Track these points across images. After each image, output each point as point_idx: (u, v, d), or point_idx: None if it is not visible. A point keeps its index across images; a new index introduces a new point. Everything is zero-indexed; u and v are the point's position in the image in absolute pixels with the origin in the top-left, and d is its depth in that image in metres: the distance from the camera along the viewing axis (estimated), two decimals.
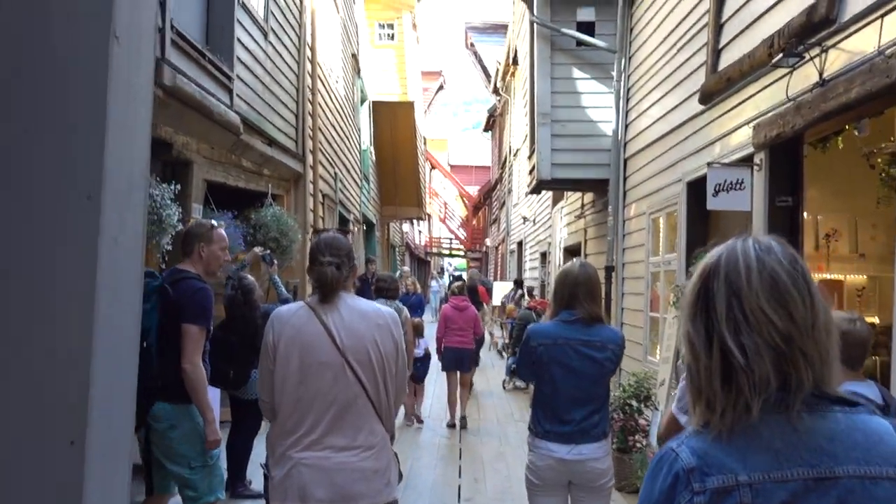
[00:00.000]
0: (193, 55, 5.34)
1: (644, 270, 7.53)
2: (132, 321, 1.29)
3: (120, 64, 1.20)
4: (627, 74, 8.57)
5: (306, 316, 2.78)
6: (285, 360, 2.75)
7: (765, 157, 4.65)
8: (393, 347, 2.83)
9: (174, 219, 5.12)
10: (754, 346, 1.14)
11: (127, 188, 1.24)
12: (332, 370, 2.73)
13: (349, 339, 2.74)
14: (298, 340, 2.74)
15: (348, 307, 2.80)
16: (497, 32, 26.78)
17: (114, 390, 1.23)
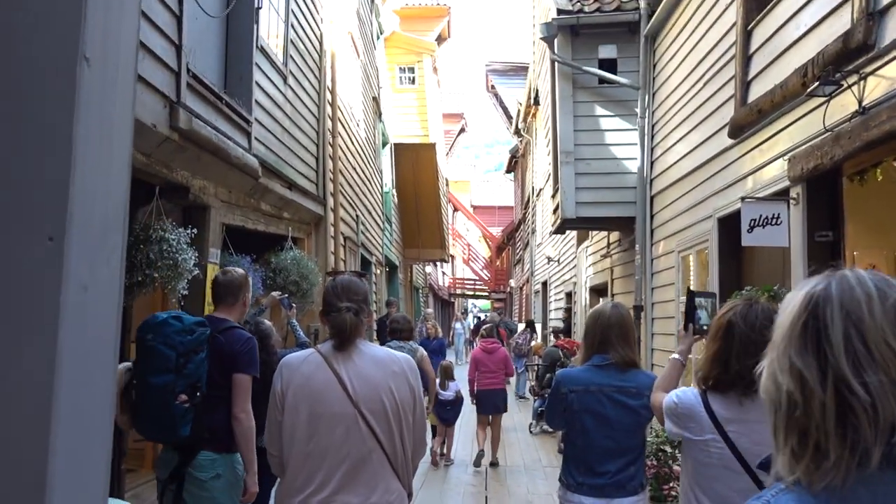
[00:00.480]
0: (210, 99, 5.28)
1: (675, 310, 7.27)
2: (105, 381, 1.12)
3: (90, 89, 1.05)
4: (651, 111, 8.42)
5: (316, 363, 2.62)
6: (294, 411, 2.58)
7: (801, 191, 4.44)
8: (410, 396, 2.64)
9: (190, 263, 5.00)
10: (879, 384, 1.01)
11: (100, 230, 1.08)
12: (344, 422, 2.55)
13: (362, 388, 2.57)
14: (308, 389, 2.58)
15: (361, 353, 2.64)
16: (518, 74, 26.89)
17: (81, 465, 1.06)
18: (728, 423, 2.27)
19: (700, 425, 2.31)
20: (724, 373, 2.27)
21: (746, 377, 2.17)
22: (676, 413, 2.41)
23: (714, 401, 2.30)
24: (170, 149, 4.75)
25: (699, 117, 6.64)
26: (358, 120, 12.49)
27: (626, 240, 9.38)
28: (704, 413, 2.30)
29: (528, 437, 11.47)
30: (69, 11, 1.02)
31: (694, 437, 2.34)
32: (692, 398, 2.37)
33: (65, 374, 0.98)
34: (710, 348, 2.35)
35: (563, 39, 8.87)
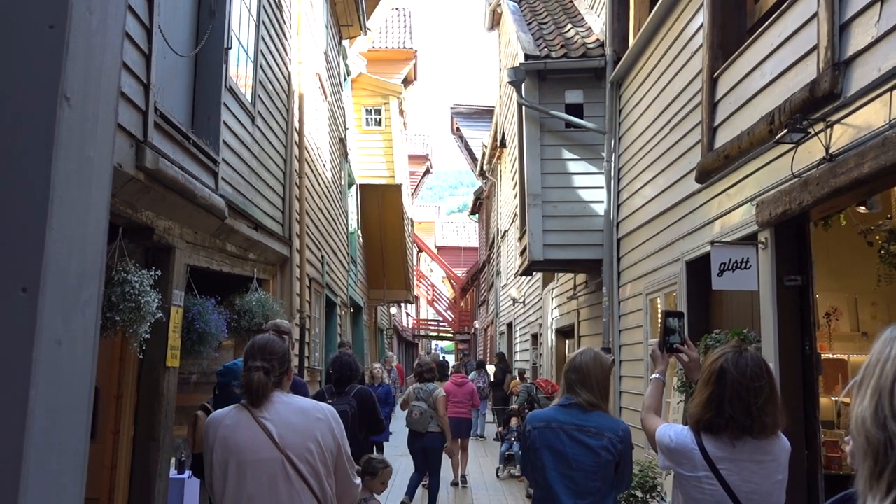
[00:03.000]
0: (178, 138, 5.19)
1: (643, 352, 7.27)
2: (78, 442, 1.04)
3: (71, 131, 0.99)
4: (618, 155, 8.53)
5: (239, 416, 2.72)
6: (223, 464, 2.67)
7: (770, 236, 4.49)
8: (333, 442, 2.76)
9: (153, 306, 4.86)
10: None
11: (76, 281, 1.01)
12: (271, 468, 2.64)
13: (289, 435, 2.67)
14: (233, 441, 2.68)
15: (285, 404, 2.76)
16: (482, 117, 27.22)
17: None
18: (720, 461, 2.42)
19: (693, 463, 2.47)
20: (718, 416, 2.43)
21: (738, 420, 2.39)
22: (671, 450, 2.55)
23: (707, 441, 2.46)
24: (135, 189, 4.64)
25: (665, 162, 6.73)
26: (325, 160, 12.45)
27: (593, 282, 9.42)
28: (698, 452, 2.46)
29: (496, 481, 11.31)
30: (50, 48, 0.96)
31: (686, 473, 2.50)
32: (686, 438, 2.51)
33: (35, 436, 0.90)
34: (702, 393, 2.49)
35: (530, 84, 8.98)
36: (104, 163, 1.10)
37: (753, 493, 2.40)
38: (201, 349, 6.10)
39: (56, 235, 0.94)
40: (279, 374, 2.81)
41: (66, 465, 0.98)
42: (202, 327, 5.99)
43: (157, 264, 5.26)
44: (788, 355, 4.31)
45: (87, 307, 1.04)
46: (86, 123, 1.04)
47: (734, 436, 2.41)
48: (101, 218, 1.11)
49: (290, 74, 9.28)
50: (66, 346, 0.98)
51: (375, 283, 20.29)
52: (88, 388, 1.05)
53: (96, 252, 1.08)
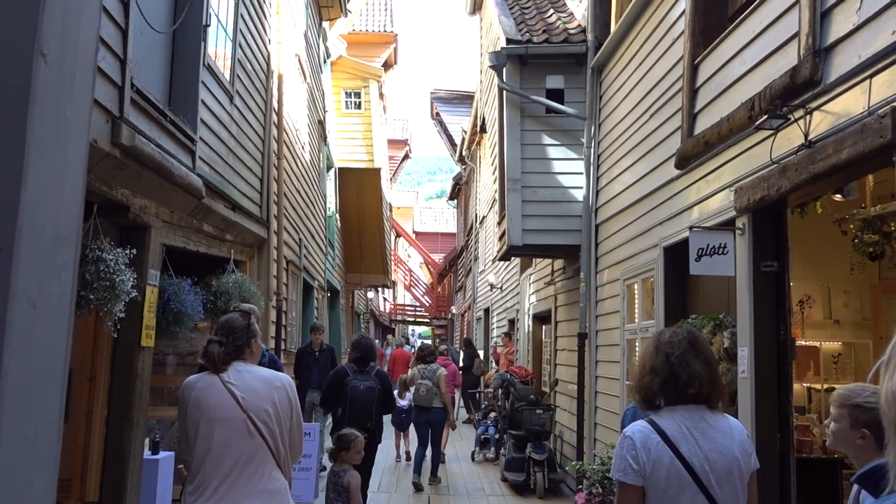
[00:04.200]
0: (154, 115, 5.11)
1: (620, 338, 7.32)
2: (53, 408, 1.02)
3: (47, 89, 0.96)
4: (598, 141, 8.54)
5: (210, 381, 3.22)
6: (194, 421, 3.17)
7: (747, 221, 4.53)
8: (288, 406, 3.26)
9: (128, 285, 4.80)
10: None
11: (51, 243, 0.98)
12: (235, 425, 3.13)
13: (251, 398, 3.17)
14: (203, 401, 3.16)
15: (249, 372, 3.27)
16: (462, 102, 27.12)
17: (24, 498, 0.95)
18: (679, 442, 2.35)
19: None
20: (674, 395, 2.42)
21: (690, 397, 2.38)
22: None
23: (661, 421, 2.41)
24: (110, 165, 4.56)
25: (645, 148, 6.75)
26: (303, 143, 12.35)
27: (571, 267, 9.45)
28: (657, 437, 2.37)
29: (471, 465, 11.37)
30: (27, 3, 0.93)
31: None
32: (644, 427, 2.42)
33: (8, 402, 0.88)
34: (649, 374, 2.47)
35: (511, 68, 8.95)
36: (81, 124, 1.07)
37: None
38: (177, 329, 6.04)
39: (31, 195, 0.92)
40: (235, 346, 3.30)
41: (41, 431, 0.96)
42: (178, 307, 5.93)
43: (133, 243, 5.19)
44: (763, 340, 4.36)
45: (63, 271, 1.02)
46: (62, 82, 1.01)
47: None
48: (78, 182, 1.08)
49: (269, 54, 9.17)
50: (42, 311, 0.96)
51: (353, 268, 20.22)
52: (64, 354, 1.02)
53: (72, 216, 1.06)
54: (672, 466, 2.30)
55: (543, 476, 8.92)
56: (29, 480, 0.94)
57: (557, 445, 10.05)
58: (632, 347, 7.09)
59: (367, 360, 6.97)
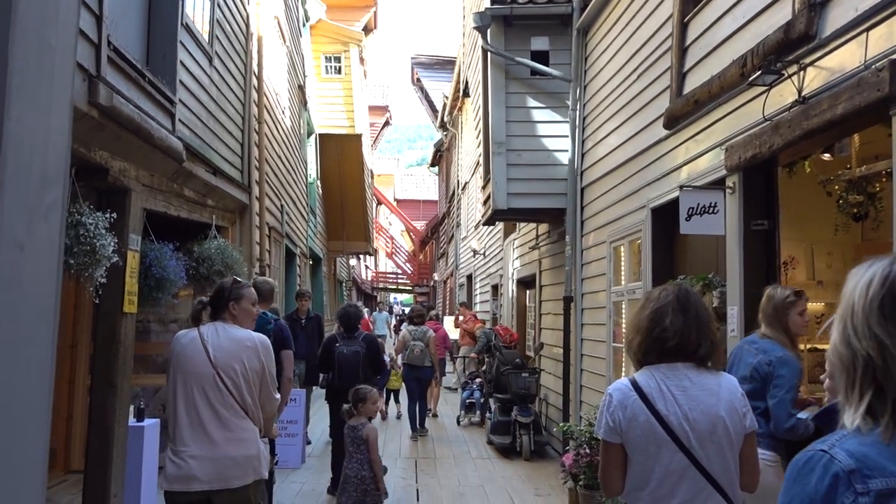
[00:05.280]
0: (133, 75, 4.97)
1: (606, 300, 7.33)
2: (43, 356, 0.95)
3: (29, 9, 0.88)
4: (583, 103, 8.46)
5: (191, 337, 3.68)
6: (174, 372, 3.64)
7: (738, 180, 4.49)
8: (258, 364, 3.66)
9: (109, 250, 4.69)
10: None
11: (38, 181, 0.91)
12: (206, 379, 3.56)
13: (221, 356, 3.59)
14: (182, 356, 3.64)
15: (225, 331, 3.69)
16: (444, 68, 26.83)
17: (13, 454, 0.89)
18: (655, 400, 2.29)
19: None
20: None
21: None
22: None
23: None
24: (88, 126, 4.43)
25: (632, 109, 6.69)
26: (284, 107, 12.16)
27: (556, 231, 9.42)
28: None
29: (456, 429, 11.43)
30: None
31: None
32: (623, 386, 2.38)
33: None
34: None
35: (496, 29, 8.81)
36: (67, 56, 0.99)
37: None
38: (159, 295, 5.94)
39: (15, 127, 0.84)
40: (216, 307, 3.81)
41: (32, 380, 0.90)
42: (160, 273, 5.83)
43: (112, 207, 5.07)
44: (754, 299, 4.34)
45: (51, 213, 0.94)
46: (46, 5, 0.92)
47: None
48: (65, 119, 1.00)
49: (248, 16, 8.96)
50: (29, 253, 0.88)
51: (335, 235, 20.10)
52: (54, 297, 0.95)
53: (60, 155, 0.98)
54: (647, 424, 2.24)
55: (529, 439, 8.98)
56: (21, 431, 0.88)
57: (542, 408, 10.11)
58: (618, 309, 7.09)
59: (353, 328, 7.53)
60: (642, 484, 2.26)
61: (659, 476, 2.23)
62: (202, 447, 3.51)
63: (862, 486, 1.12)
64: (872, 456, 1.14)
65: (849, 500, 1.12)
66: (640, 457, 2.26)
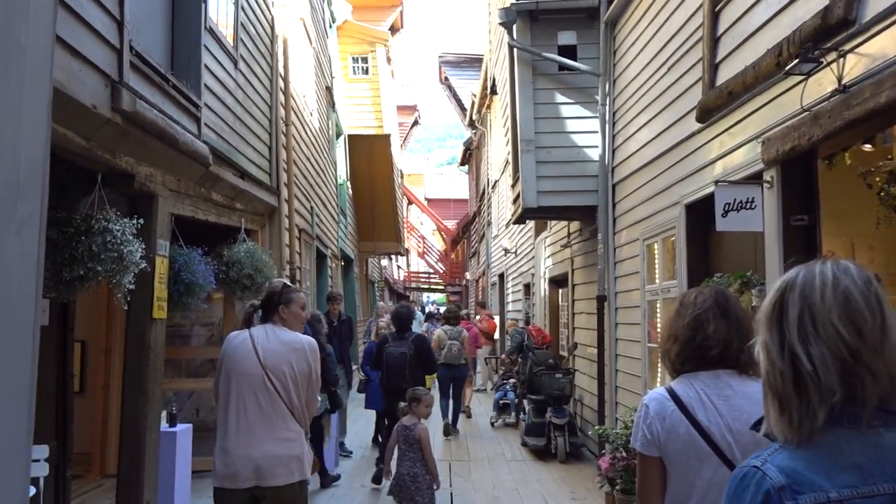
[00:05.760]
0: (156, 80, 4.95)
1: (640, 299, 7.17)
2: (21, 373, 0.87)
3: None
4: (613, 98, 8.30)
5: (243, 338, 3.81)
6: (226, 370, 3.77)
7: (776, 174, 4.33)
8: (306, 366, 3.79)
9: (136, 256, 4.68)
10: (821, 356, 1.22)
11: (5, 194, 0.83)
12: (255, 380, 3.69)
13: (270, 358, 3.73)
14: (233, 357, 3.77)
15: (275, 334, 3.84)
16: (471, 66, 26.70)
17: None
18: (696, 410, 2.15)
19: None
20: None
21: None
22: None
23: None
24: (112, 133, 4.42)
25: (663, 103, 6.52)
26: (311, 109, 12.15)
27: (588, 229, 9.27)
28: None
29: (490, 430, 11.33)
30: None
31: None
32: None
33: None
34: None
35: (521, 25, 8.69)
36: (41, 53, 0.91)
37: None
38: (189, 300, 5.94)
39: None
40: (267, 310, 3.95)
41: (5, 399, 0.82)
42: (189, 278, 5.82)
43: (140, 213, 5.07)
44: None
45: (26, 227, 0.86)
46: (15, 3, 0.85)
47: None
48: (40, 124, 0.92)
49: (272, 18, 8.95)
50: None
51: (366, 235, 20.11)
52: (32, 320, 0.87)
53: (36, 161, 0.90)
54: (688, 436, 2.10)
55: (564, 440, 8.85)
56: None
57: (577, 409, 9.96)
58: (653, 308, 6.93)
59: (405, 329, 7.84)
60: (683, 498, 2.13)
61: (701, 490, 2.10)
62: (248, 446, 3.62)
63: (792, 502, 1.16)
64: (801, 470, 1.19)
65: None
66: (681, 470, 2.13)
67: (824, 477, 1.17)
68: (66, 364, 5.76)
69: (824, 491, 1.16)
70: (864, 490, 1.17)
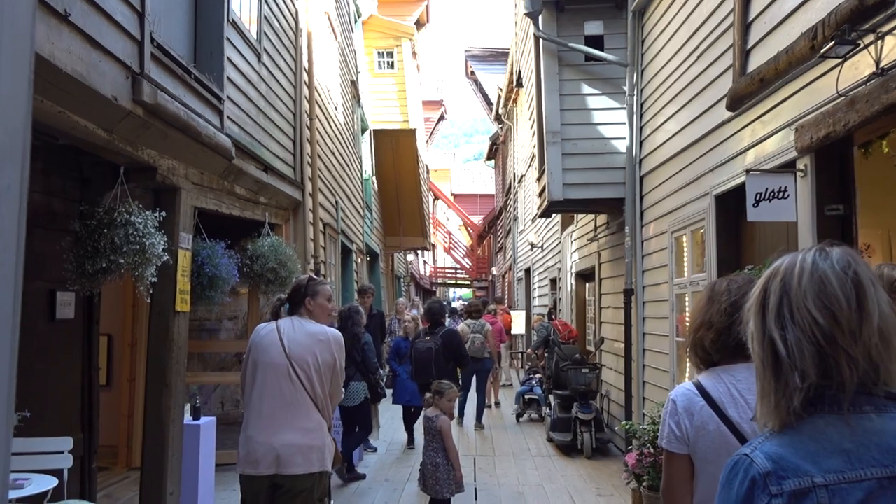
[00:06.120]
0: (178, 72, 4.93)
1: (668, 293, 7.03)
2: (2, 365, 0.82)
3: None
4: (640, 88, 8.15)
5: (269, 330, 3.89)
6: (252, 361, 3.86)
7: (810, 162, 4.19)
8: (330, 358, 3.87)
9: (159, 248, 4.67)
10: (797, 341, 1.22)
11: None
12: (280, 370, 3.76)
13: (295, 349, 3.80)
14: (259, 347, 3.85)
15: (301, 326, 3.90)
16: (497, 60, 26.57)
17: None
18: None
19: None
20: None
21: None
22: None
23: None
24: (134, 125, 4.40)
25: (692, 92, 6.38)
26: (336, 103, 12.13)
27: (615, 222, 9.13)
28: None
29: (515, 425, 11.24)
30: None
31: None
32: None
33: None
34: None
35: (547, 15, 8.57)
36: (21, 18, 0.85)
37: None
38: (212, 294, 5.93)
39: None
40: (294, 302, 4.02)
41: None
42: (212, 271, 5.81)
43: (162, 206, 5.06)
44: None
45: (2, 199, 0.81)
46: None
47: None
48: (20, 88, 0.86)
49: (297, 11, 8.92)
50: None
51: (391, 231, 20.09)
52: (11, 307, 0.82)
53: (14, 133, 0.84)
54: (718, 433, 1.99)
55: (591, 436, 8.74)
56: None
57: (604, 405, 9.84)
58: (681, 302, 6.80)
59: (436, 324, 8.04)
60: (711, 497, 2.03)
61: None
62: (270, 434, 3.69)
63: (776, 487, 1.17)
64: (788, 457, 1.19)
65: (763, 501, 1.16)
66: (711, 468, 2.03)
67: (810, 462, 1.18)
68: (92, 357, 5.79)
69: (809, 476, 1.17)
70: (851, 475, 1.17)
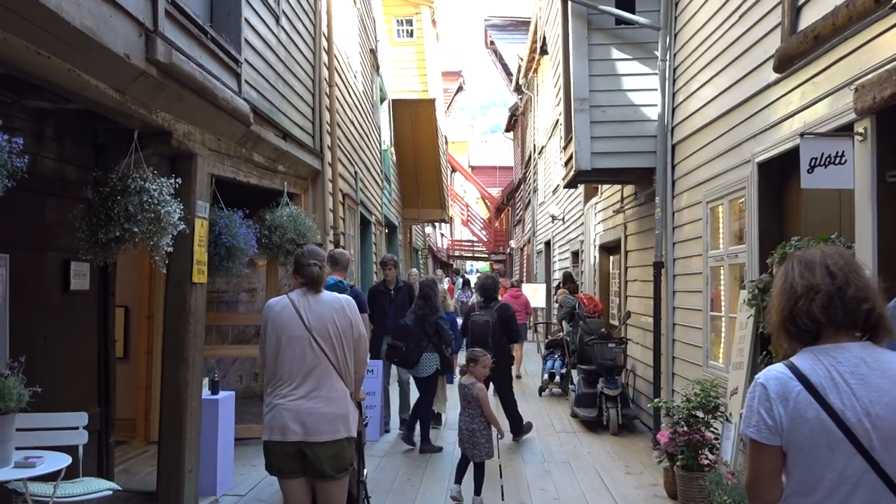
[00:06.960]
0: (194, 32, 4.68)
1: (702, 265, 6.75)
2: None
3: None
4: (674, 53, 7.80)
5: (284, 304, 3.93)
6: (272, 336, 3.89)
7: (870, 125, 3.88)
8: (347, 324, 3.94)
9: (174, 217, 4.46)
10: None
11: None
12: (301, 342, 3.84)
13: (314, 320, 3.87)
14: (279, 321, 3.89)
15: (315, 297, 3.95)
16: (518, 29, 26.04)
17: None
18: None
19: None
20: None
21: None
22: None
23: None
24: (147, 85, 4.17)
25: (733, 54, 6.04)
26: (355, 71, 11.83)
27: (643, 193, 8.83)
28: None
29: (538, 400, 11.05)
30: None
31: None
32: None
33: None
34: None
35: None
36: None
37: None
38: (230, 265, 5.73)
39: None
40: (325, 270, 4.03)
41: None
42: (230, 241, 5.61)
43: (178, 172, 4.84)
44: (891, 258, 3.77)
45: None
46: None
47: None
48: None
49: None
50: None
51: (410, 202, 19.84)
52: None
53: None
54: (818, 422, 1.78)
55: (617, 412, 8.52)
56: None
57: (630, 380, 9.61)
58: (716, 275, 6.52)
59: (490, 298, 8.33)
60: (805, 490, 1.80)
61: (829, 484, 1.76)
62: (296, 403, 3.78)
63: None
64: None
65: None
66: (807, 460, 1.79)
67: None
68: (108, 330, 5.62)
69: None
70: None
